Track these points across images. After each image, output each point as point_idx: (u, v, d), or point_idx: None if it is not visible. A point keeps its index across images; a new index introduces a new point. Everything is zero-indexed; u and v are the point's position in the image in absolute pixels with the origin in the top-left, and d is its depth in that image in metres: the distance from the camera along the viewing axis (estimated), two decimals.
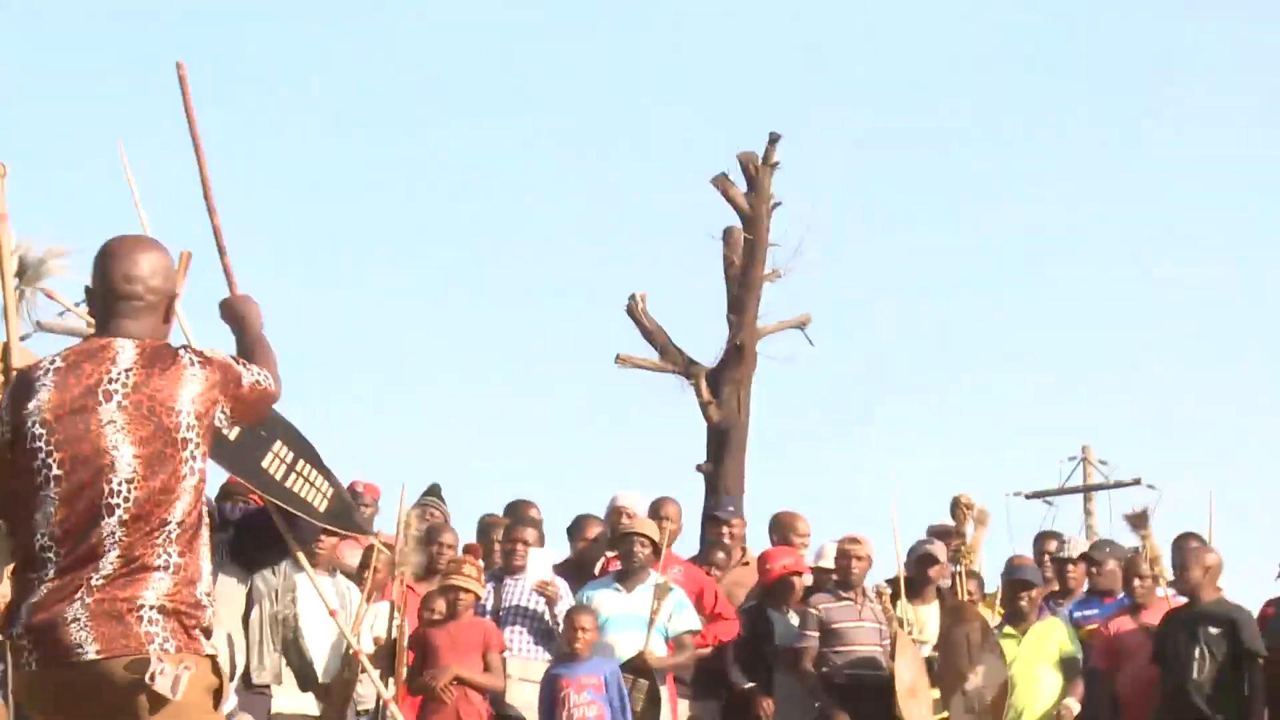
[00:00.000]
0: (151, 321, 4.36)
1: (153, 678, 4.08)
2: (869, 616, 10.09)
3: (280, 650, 8.50)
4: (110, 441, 4.16)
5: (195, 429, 4.23)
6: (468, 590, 9.34)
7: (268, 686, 8.46)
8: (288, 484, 5.21)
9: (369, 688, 8.75)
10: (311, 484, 5.23)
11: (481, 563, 10.43)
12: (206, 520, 4.32)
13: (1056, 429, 35.11)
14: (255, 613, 8.46)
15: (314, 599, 8.78)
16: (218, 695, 4.22)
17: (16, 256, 5.28)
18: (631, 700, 9.63)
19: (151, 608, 4.12)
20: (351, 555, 9.42)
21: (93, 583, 4.13)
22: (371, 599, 8.91)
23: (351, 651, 8.53)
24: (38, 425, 4.18)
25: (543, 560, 10.15)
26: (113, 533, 4.15)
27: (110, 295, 4.35)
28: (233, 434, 4.70)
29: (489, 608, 9.90)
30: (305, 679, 8.62)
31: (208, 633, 4.24)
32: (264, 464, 5.17)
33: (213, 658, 4.23)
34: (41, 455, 4.17)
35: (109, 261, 4.36)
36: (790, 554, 10.56)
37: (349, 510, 5.31)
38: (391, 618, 8.72)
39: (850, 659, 10.01)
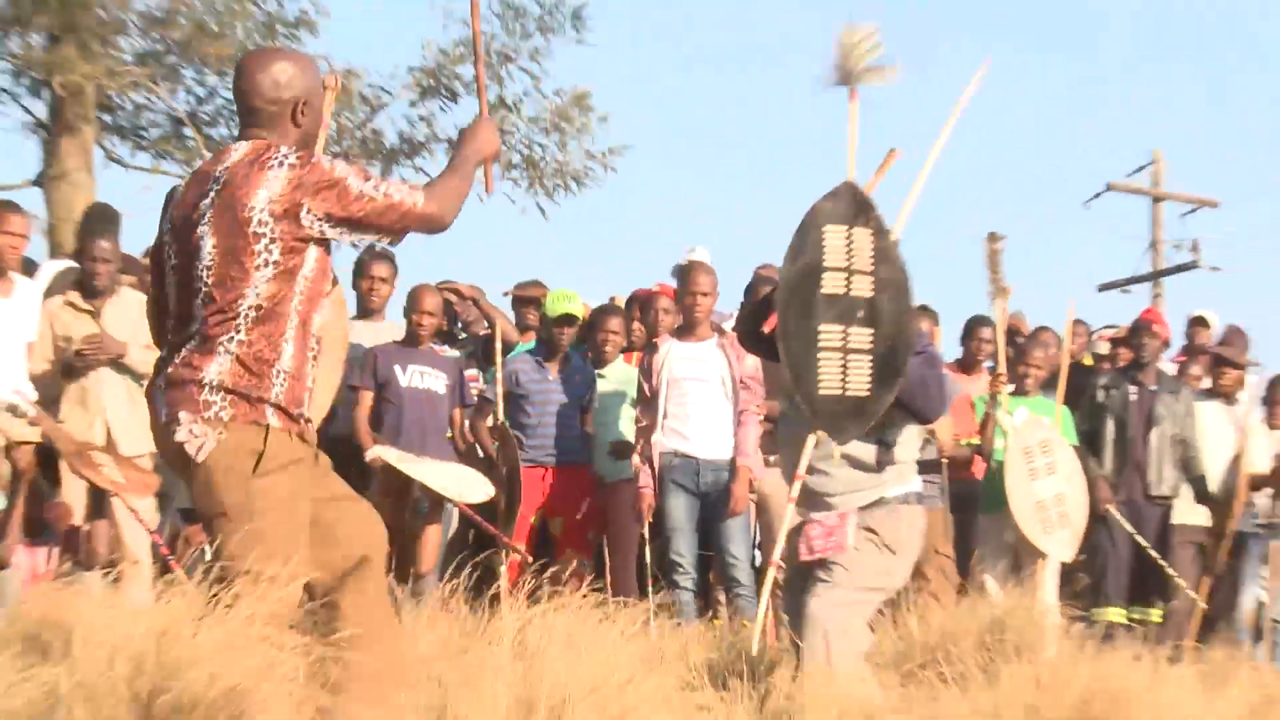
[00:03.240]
0: (279, 127, 4.70)
1: (182, 439, 4.55)
2: None
3: (1179, 467, 9.85)
4: (200, 233, 4.58)
5: (269, 225, 4.52)
6: None
7: (1169, 498, 9.83)
8: None
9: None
10: None
11: None
12: (303, 310, 4.63)
13: None
14: (1155, 433, 9.81)
15: (1211, 422, 9.99)
16: (259, 460, 4.54)
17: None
18: None
19: (211, 383, 4.54)
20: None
21: (180, 354, 4.62)
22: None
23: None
24: (168, 225, 4.70)
25: None
26: (198, 313, 4.59)
27: (240, 108, 4.77)
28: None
29: None
30: (1201, 494, 9.90)
31: (280, 407, 4.59)
32: None
33: (268, 428, 4.55)
34: (168, 249, 4.69)
35: (236, 77, 4.77)
36: None
37: None
38: None
39: None
